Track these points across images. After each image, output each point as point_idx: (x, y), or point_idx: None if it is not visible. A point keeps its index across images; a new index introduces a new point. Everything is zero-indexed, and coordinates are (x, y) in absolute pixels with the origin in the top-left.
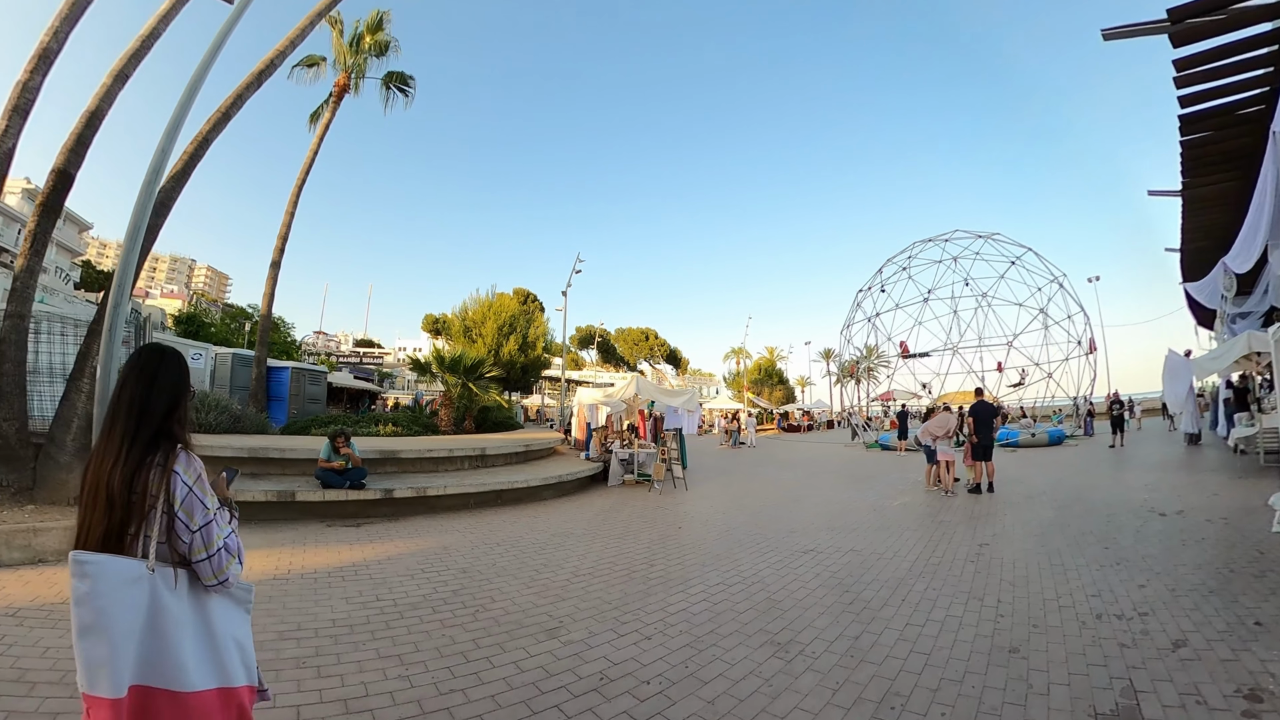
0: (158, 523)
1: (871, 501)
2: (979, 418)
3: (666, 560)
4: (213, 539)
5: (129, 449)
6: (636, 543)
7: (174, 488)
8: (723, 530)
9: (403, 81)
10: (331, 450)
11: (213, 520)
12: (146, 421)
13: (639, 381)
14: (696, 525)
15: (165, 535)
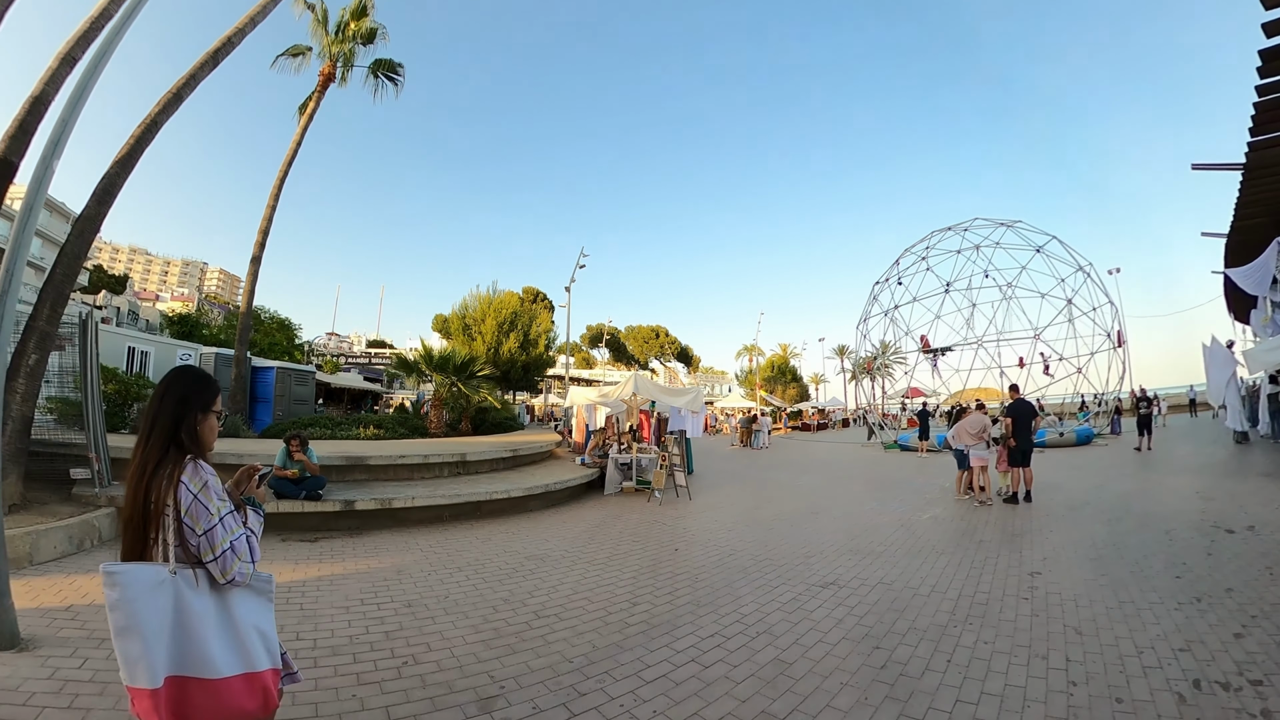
0: (171, 528)
1: (898, 514)
2: (1017, 418)
3: (654, 596)
4: (216, 543)
5: (143, 461)
6: (622, 570)
7: (180, 496)
8: (726, 553)
9: (391, 69)
10: (286, 455)
11: (216, 525)
12: (156, 434)
13: (637, 379)
14: (696, 546)
15: (178, 540)
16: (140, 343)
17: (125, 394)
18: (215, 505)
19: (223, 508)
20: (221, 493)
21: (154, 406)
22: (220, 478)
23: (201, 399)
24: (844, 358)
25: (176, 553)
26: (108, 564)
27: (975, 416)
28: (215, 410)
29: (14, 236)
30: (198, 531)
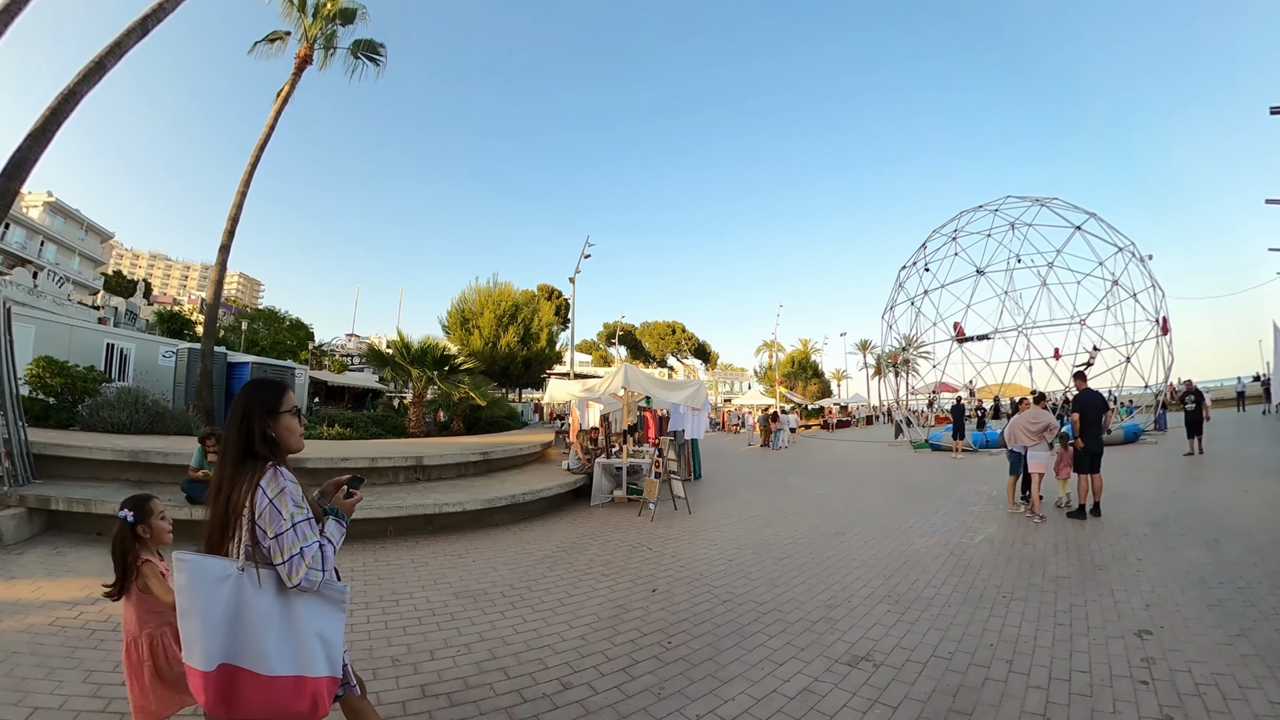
0: (245, 529)
1: (943, 535)
2: (1086, 412)
3: (600, 670)
4: (286, 547)
5: (219, 478)
6: (573, 620)
7: (256, 500)
8: (719, 597)
9: (371, 49)
10: (202, 456)
11: (288, 530)
12: (230, 451)
13: (627, 370)
14: (681, 585)
15: (250, 540)
16: (120, 340)
17: (73, 389)
18: (289, 511)
19: (297, 514)
20: (299, 499)
21: (227, 425)
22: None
23: (262, 407)
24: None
25: (247, 551)
26: (179, 551)
27: (1035, 411)
28: (283, 411)
29: None
30: (269, 535)
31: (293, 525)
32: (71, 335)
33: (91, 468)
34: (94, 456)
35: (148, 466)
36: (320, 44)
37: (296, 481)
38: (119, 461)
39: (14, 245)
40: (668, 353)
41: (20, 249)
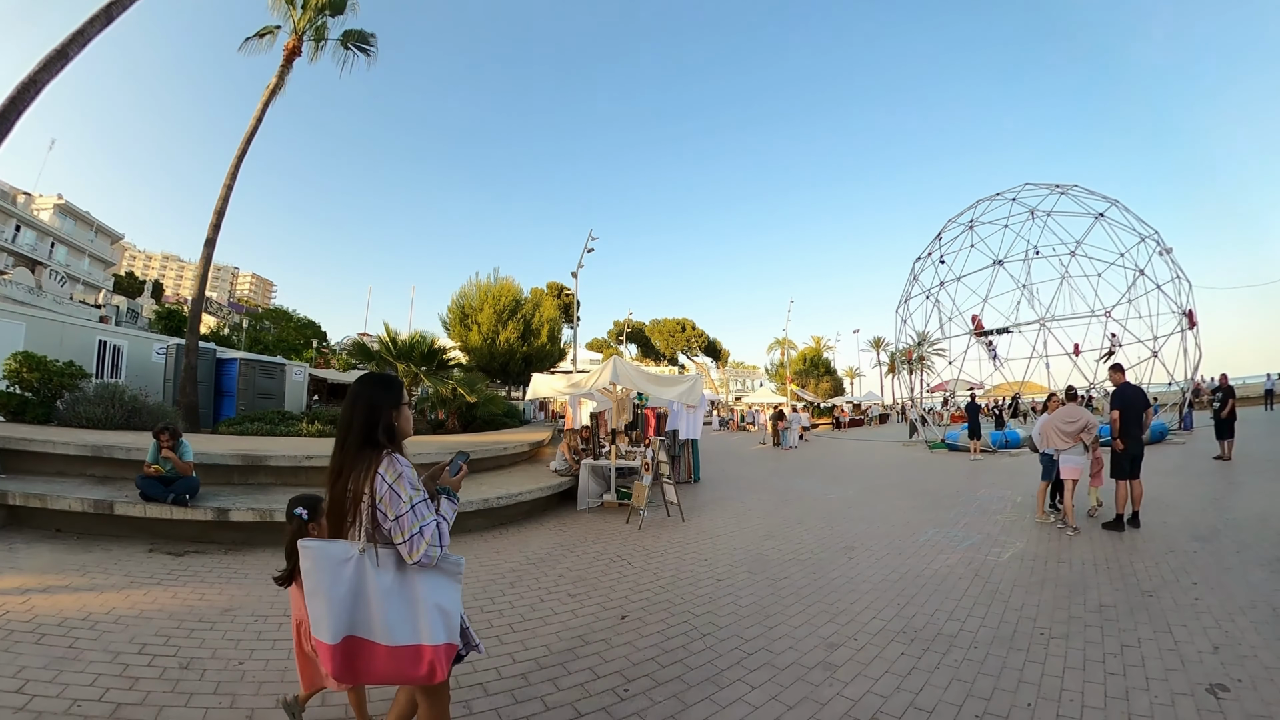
0: (366, 513)
1: (965, 551)
2: (1127, 409)
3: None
4: (405, 528)
5: (339, 464)
6: (518, 655)
7: (376, 486)
8: (697, 631)
9: (362, 39)
10: (156, 450)
11: (407, 512)
12: (352, 439)
13: (616, 365)
14: (658, 611)
15: (371, 523)
16: (112, 337)
17: (49, 383)
18: (407, 494)
19: (414, 496)
20: (415, 482)
21: (346, 414)
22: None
23: (388, 399)
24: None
25: (367, 533)
26: (304, 539)
27: (1070, 409)
28: (404, 403)
29: None
30: (390, 517)
31: (411, 507)
32: (63, 332)
33: (58, 463)
34: (60, 451)
35: (111, 462)
36: (310, 36)
37: (411, 466)
38: (83, 457)
39: (25, 247)
40: (677, 350)
41: (31, 250)
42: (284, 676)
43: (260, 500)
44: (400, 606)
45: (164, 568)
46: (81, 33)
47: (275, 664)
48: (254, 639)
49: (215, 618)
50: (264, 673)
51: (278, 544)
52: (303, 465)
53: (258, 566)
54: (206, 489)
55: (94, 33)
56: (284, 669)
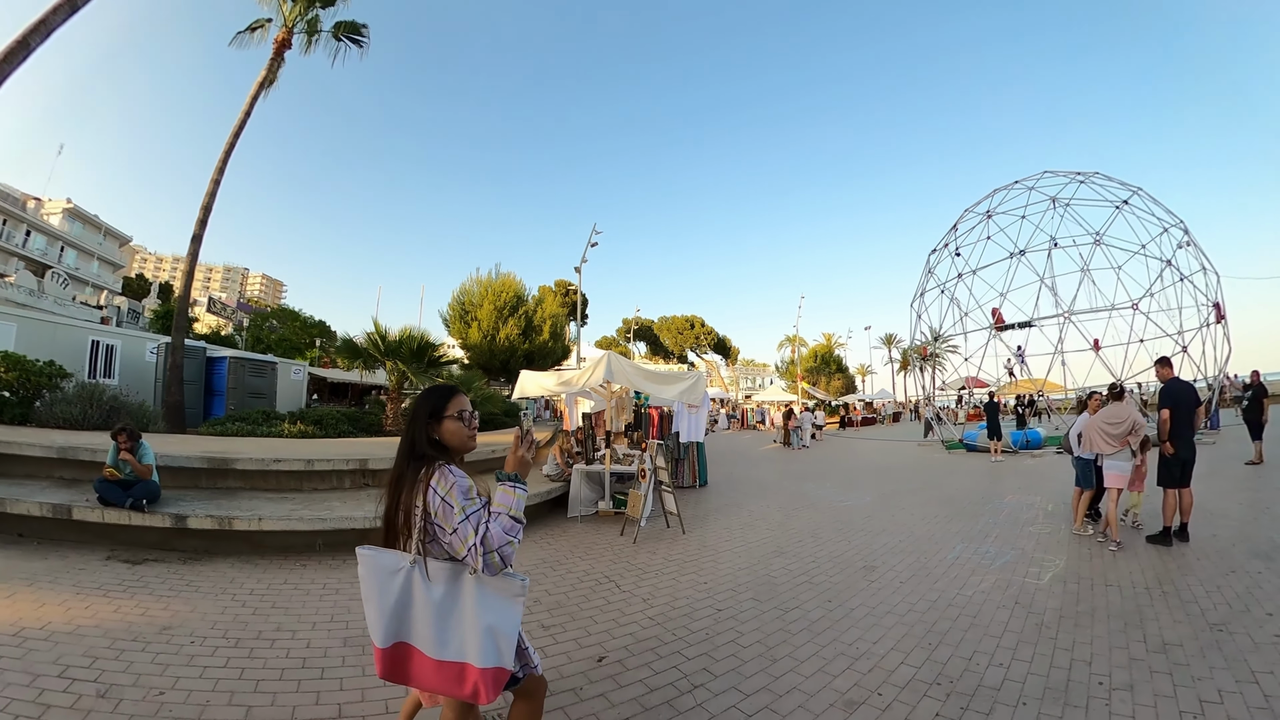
0: (419, 526)
1: (1000, 572)
2: (1179, 406)
3: None
4: (465, 539)
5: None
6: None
7: (428, 499)
8: (688, 681)
9: (353, 30)
10: (115, 452)
11: (463, 522)
12: (401, 451)
13: (611, 360)
14: (642, 652)
15: (423, 536)
16: (106, 337)
17: (27, 383)
18: (460, 504)
19: (469, 506)
20: (469, 492)
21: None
22: None
23: (428, 410)
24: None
25: (419, 546)
26: (360, 546)
27: (1116, 408)
28: (449, 415)
29: None
30: (448, 530)
31: (466, 516)
32: (54, 333)
33: (28, 465)
34: (27, 453)
35: (77, 464)
36: (302, 29)
37: (466, 475)
38: (49, 458)
39: (35, 251)
40: (686, 348)
41: (41, 254)
42: (203, 712)
43: (223, 506)
44: (449, 623)
45: (116, 577)
46: (44, 22)
47: (198, 695)
48: (184, 664)
49: (151, 637)
50: (183, 705)
51: (240, 553)
52: (270, 469)
53: (212, 579)
54: (173, 493)
55: (58, 22)
56: (206, 701)
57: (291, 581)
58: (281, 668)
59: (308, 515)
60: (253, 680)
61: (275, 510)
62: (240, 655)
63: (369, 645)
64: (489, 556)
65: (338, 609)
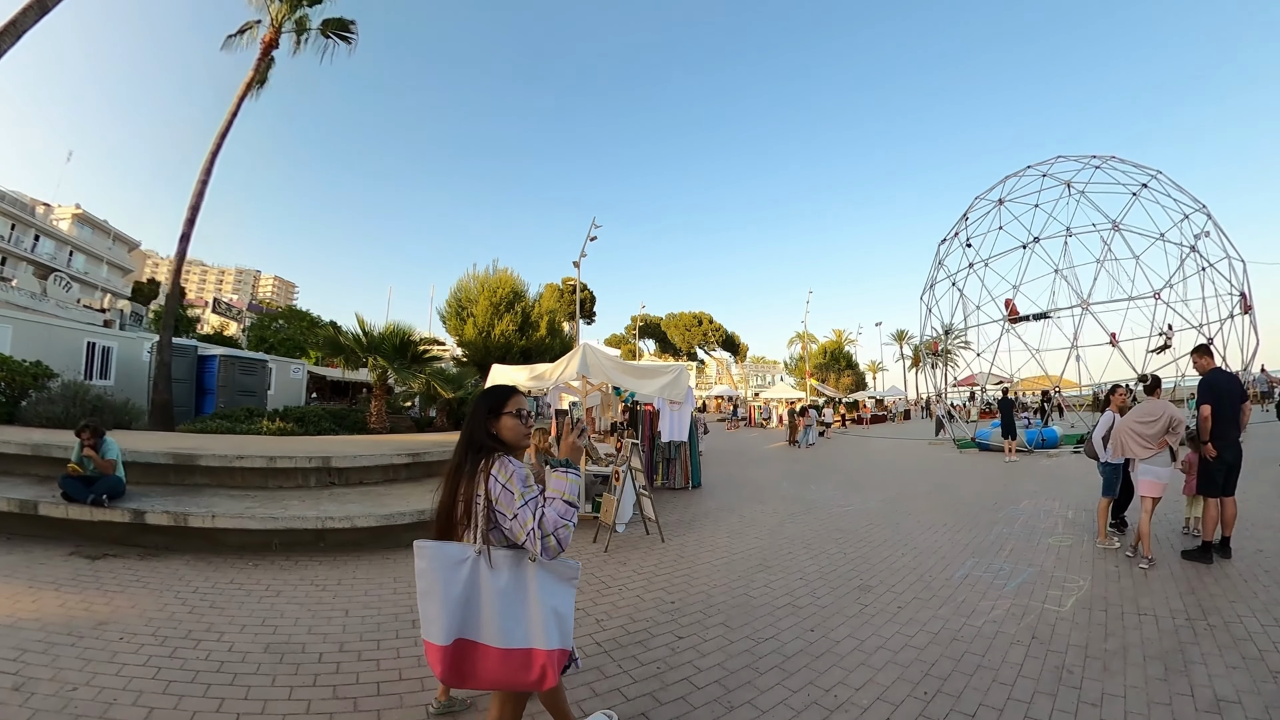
0: (482, 515)
1: (1015, 595)
2: (1221, 401)
3: None
4: (524, 524)
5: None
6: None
7: (490, 487)
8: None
9: (341, 27)
10: (80, 449)
11: (522, 508)
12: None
13: (587, 352)
14: (577, 688)
15: (486, 525)
16: (102, 338)
17: (12, 382)
18: (519, 491)
19: (528, 493)
20: (528, 481)
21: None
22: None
23: (487, 407)
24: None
25: (483, 535)
26: (419, 540)
27: (1151, 404)
28: (507, 412)
29: None
30: (509, 516)
31: (525, 502)
32: (50, 334)
33: (5, 462)
34: (3, 450)
35: (50, 460)
36: (291, 28)
37: (524, 466)
38: (24, 455)
39: (44, 256)
40: (695, 344)
41: (50, 259)
42: (107, 710)
43: (183, 502)
44: (515, 609)
45: (73, 572)
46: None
47: (108, 693)
48: (106, 660)
49: (86, 631)
50: (90, 703)
51: (198, 550)
52: (234, 465)
53: (163, 575)
54: (141, 489)
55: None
56: (113, 700)
57: (238, 581)
58: (196, 670)
59: (260, 514)
60: (164, 681)
61: (231, 508)
62: (162, 655)
63: (288, 653)
64: (546, 540)
65: (272, 612)
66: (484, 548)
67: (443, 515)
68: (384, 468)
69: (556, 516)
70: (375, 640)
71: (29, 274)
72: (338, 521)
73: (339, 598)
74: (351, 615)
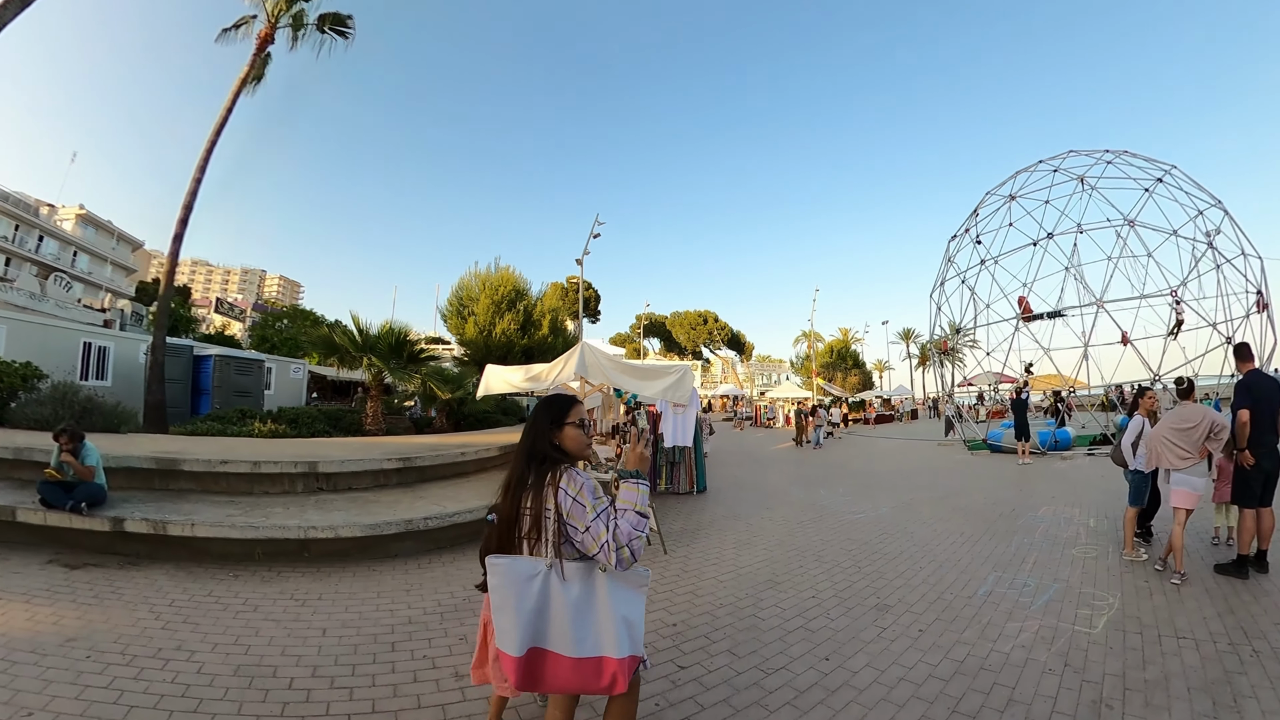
0: (552, 528)
1: (1042, 615)
2: (1260, 405)
3: None
4: (597, 536)
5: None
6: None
7: (560, 500)
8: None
9: (338, 22)
10: (58, 453)
11: (595, 520)
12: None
13: (585, 352)
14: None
15: (558, 538)
16: (99, 339)
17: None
18: (590, 503)
19: (598, 505)
20: (598, 492)
21: (522, 436)
22: None
23: (548, 418)
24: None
25: (558, 549)
26: (492, 555)
27: (1190, 408)
28: (569, 422)
29: None
30: (580, 529)
31: (598, 515)
32: (45, 335)
33: None
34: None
35: (33, 464)
36: (287, 22)
37: (590, 478)
38: (5, 459)
39: (48, 256)
40: (700, 343)
41: (54, 260)
42: None
43: (165, 509)
44: (586, 619)
45: (48, 582)
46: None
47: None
48: (69, 681)
49: (52, 649)
50: None
51: (179, 559)
52: (217, 470)
53: (140, 587)
54: (125, 494)
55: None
56: None
57: (216, 594)
58: (161, 694)
59: (241, 522)
60: (126, 707)
61: (212, 515)
62: (128, 675)
63: (258, 676)
64: (620, 552)
65: (246, 630)
66: (555, 561)
67: (505, 527)
68: (374, 473)
69: (629, 528)
70: (350, 665)
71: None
72: (320, 531)
73: (318, 614)
74: (329, 635)
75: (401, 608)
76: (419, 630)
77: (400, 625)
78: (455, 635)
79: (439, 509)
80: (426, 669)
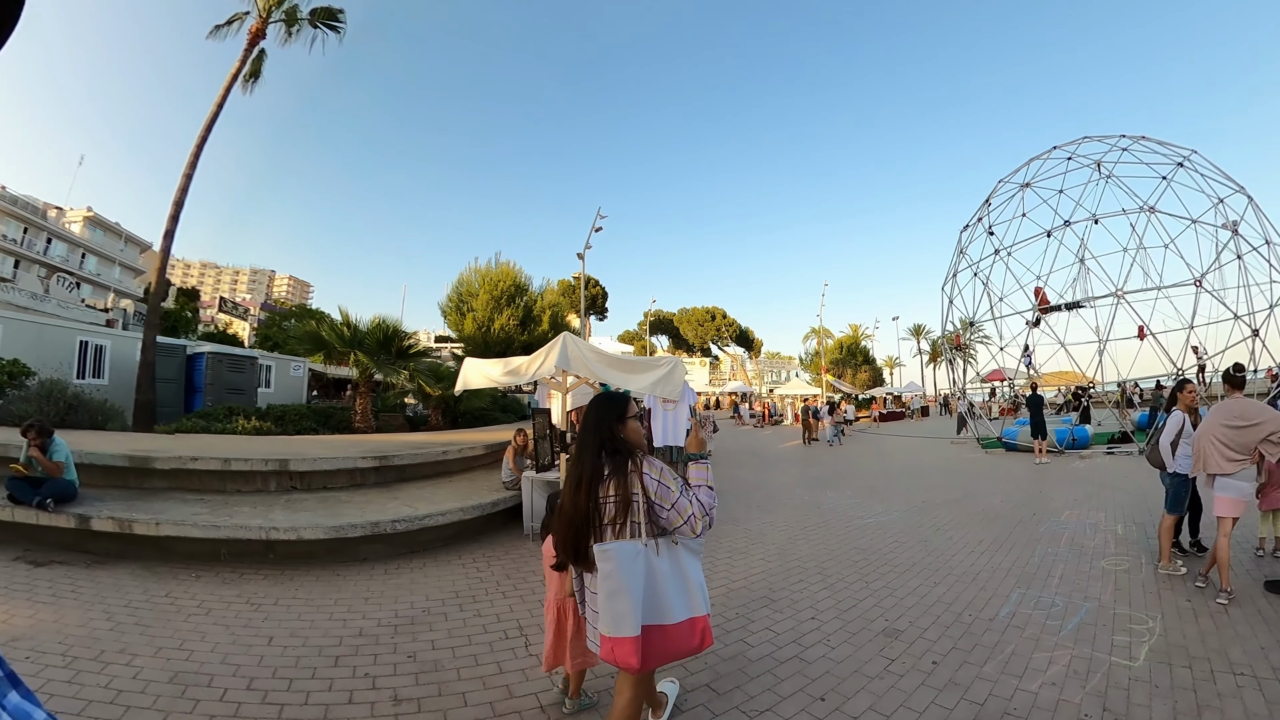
0: (642, 510)
1: (1071, 644)
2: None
3: None
4: (682, 510)
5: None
6: None
7: (646, 484)
8: None
9: (330, 16)
10: (27, 450)
11: (679, 497)
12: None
13: (567, 343)
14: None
15: (647, 518)
16: (95, 337)
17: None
18: (674, 482)
19: (678, 484)
20: (672, 473)
21: (582, 433)
22: None
23: (613, 414)
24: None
25: (647, 529)
26: (600, 543)
27: (1244, 404)
28: (630, 417)
29: None
30: (668, 506)
31: (681, 492)
32: (41, 333)
33: None
34: None
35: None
36: (280, 17)
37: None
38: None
39: (56, 258)
40: (708, 340)
41: (63, 262)
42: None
43: (133, 507)
44: (678, 585)
45: (10, 580)
46: None
47: None
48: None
49: None
50: None
51: (146, 558)
52: (188, 468)
53: (101, 586)
54: (98, 491)
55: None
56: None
57: (173, 595)
58: (89, 699)
59: (205, 521)
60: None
61: (176, 514)
62: (62, 679)
63: (192, 685)
64: (705, 520)
65: (194, 634)
66: (649, 540)
67: (581, 521)
68: (349, 471)
69: (709, 499)
70: (288, 679)
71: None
72: (283, 533)
73: (269, 621)
74: (274, 644)
75: (356, 618)
76: (367, 645)
77: (349, 638)
78: (404, 653)
79: (410, 511)
80: (365, 689)
